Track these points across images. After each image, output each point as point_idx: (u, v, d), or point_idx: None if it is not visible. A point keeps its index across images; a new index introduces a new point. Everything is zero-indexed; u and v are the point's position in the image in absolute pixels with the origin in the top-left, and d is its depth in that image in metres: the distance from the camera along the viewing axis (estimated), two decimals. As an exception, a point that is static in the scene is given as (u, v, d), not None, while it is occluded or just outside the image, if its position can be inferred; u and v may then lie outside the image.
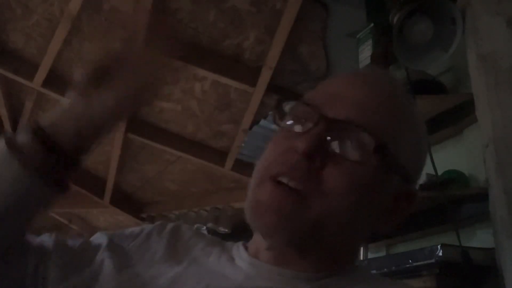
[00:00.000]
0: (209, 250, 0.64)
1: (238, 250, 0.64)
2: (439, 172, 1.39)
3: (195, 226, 2.97)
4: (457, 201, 1.36)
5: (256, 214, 0.56)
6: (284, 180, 0.55)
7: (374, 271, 1.40)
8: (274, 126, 0.62)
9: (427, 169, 1.40)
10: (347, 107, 0.56)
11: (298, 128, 0.58)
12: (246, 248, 0.63)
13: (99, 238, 0.66)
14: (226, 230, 3.05)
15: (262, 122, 2.33)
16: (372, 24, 1.68)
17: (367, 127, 0.55)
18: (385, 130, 0.56)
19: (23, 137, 0.58)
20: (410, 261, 1.29)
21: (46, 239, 0.64)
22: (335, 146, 0.55)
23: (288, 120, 0.60)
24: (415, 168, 0.62)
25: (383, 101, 0.59)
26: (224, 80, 2.27)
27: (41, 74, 2.53)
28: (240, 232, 2.85)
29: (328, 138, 0.55)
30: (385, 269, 1.37)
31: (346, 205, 0.55)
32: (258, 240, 0.61)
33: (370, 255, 1.74)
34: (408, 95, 0.63)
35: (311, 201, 0.54)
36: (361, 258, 1.73)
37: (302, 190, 0.54)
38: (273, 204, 0.54)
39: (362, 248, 1.75)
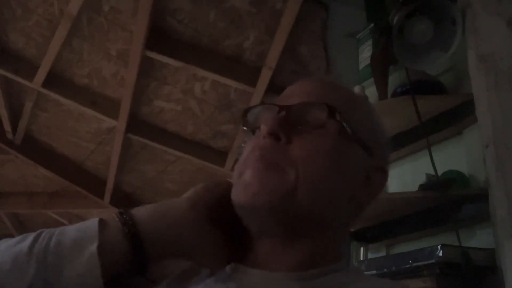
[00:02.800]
0: (199, 279, 0.64)
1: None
2: (439, 172, 1.39)
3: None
4: (457, 201, 1.36)
5: (242, 194, 0.59)
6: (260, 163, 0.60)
7: (374, 271, 1.40)
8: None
9: (427, 169, 1.40)
10: (298, 96, 0.65)
11: (262, 126, 0.63)
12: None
13: None
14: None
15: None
16: (372, 24, 1.68)
17: (319, 101, 0.63)
18: (335, 102, 0.63)
19: (114, 230, 0.57)
20: (410, 261, 1.29)
21: None
22: (295, 122, 0.61)
23: (255, 125, 0.66)
24: (374, 142, 0.66)
25: (329, 87, 0.67)
26: (224, 80, 2.27)
27: (41, 74, 2.53)
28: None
29: (289, 118, 0.61)
30: (385, 269, 1.37)
31: (316, 170, 0.59)
32: (248, 244, 0.62)
33: (370, 255, 1.74)
34: (352, 89, 0.73)
35: (286, 169, 0.59)
36: (361, 259, 1.73)
37: (276, 163, 0.59)
38: (256, 180, 0.59)
39: (362, 249, 1.75)
